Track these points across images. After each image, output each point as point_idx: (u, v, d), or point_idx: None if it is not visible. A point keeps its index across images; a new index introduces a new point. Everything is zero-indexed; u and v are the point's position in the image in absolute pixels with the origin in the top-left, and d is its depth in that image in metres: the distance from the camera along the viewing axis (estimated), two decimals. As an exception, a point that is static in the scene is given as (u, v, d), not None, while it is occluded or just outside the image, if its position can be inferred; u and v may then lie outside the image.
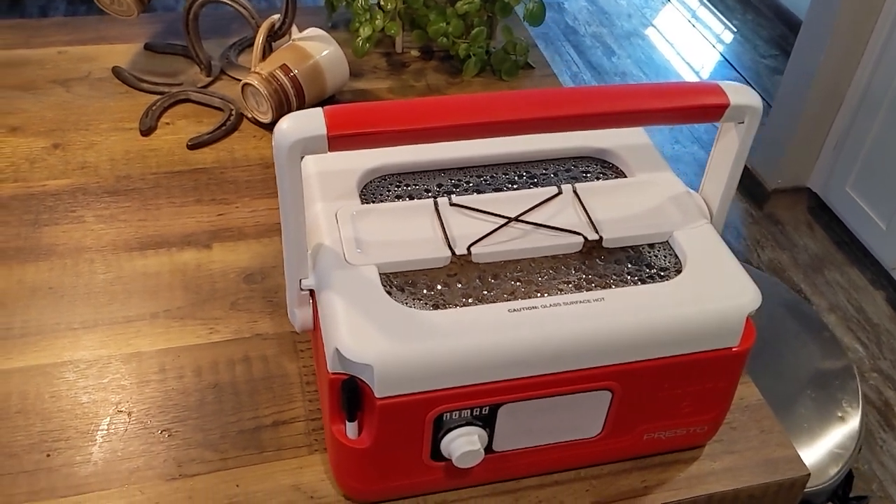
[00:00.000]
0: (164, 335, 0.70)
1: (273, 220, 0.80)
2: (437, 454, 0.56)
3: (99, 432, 0.62)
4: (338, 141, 0.51)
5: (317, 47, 0.92)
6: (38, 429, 0.62)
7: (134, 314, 0.71)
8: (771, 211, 2.20)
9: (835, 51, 1.91)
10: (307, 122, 0.51)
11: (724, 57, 2.86)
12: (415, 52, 1.07)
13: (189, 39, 0.97)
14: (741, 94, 0.56)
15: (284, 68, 0.89)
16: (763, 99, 2.51)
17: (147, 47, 1.04)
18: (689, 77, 2.74)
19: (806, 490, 0.92)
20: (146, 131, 0.90)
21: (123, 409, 0.64)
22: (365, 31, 0.94)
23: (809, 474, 0.64)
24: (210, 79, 0.99)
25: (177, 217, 0.80)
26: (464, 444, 0.54)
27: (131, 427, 0.63)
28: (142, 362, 0.67)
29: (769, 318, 1.13)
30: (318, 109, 0.52)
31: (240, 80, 0.92)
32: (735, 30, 3.02)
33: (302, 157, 0.51)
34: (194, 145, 0.89)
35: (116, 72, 0.99)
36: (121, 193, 0.83)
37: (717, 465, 0.63)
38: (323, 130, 0.50)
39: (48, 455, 0.61)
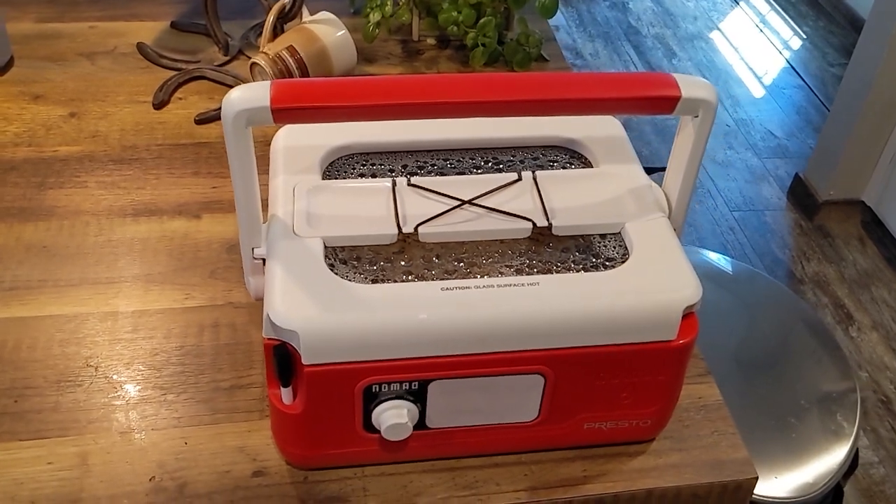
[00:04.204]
0: (142, 297, 0.73)
1: (263, 196, 0.83)
2: (369, 425, 0.57)
3: (65, 383, 0.66)
4: (282, 114, 0.53)
5: (325, 30, 0.94)
6: (9, 375, 0.66)
7: (117, 276, 0.74)
8: (821, 223, 2.14)
9: (895, 58, 1.85)
10: (253, 94, 0.52)
11: (789, 63, 2.78)
12: (431, 41, 1.08)
13: (208, 19, 1.01)
14: (694, 87, 0.56)
15: (291, 49, 0.91)
16: (824, 107, 2.42)
17: (173, 25, 1.08)
18: (752, 83, 2.68)
19: (791, 502, 0.90)
20: (158, 105, 0.94)
21: (92, 363, 0.67)
22: (374, 17, 0.96)
23: (757, 477, 0.63)
24: (227, 58, 1.02)
25: (173, 187, 0.84)
26: (392, 416, 0.55)
27: (96, 381, 0.66)
28: (117, 321, 0.70)
29: (785, 333, 1.11)
30: (267, 82, 0.53)
31: (252, 60, 0.95)
32: (804, 36, 2.94)
33: (254, 128, 0.53)
34: (201, 120, 0.92)
35: (140, 47, 1.03)
36: (125, 162, 0.87)
37: (662, 460, 0.63)
38: (267, 102, 0.52)
39: (15, 401, 0.64)
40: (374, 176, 0.65)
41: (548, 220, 0.60)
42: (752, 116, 2.52)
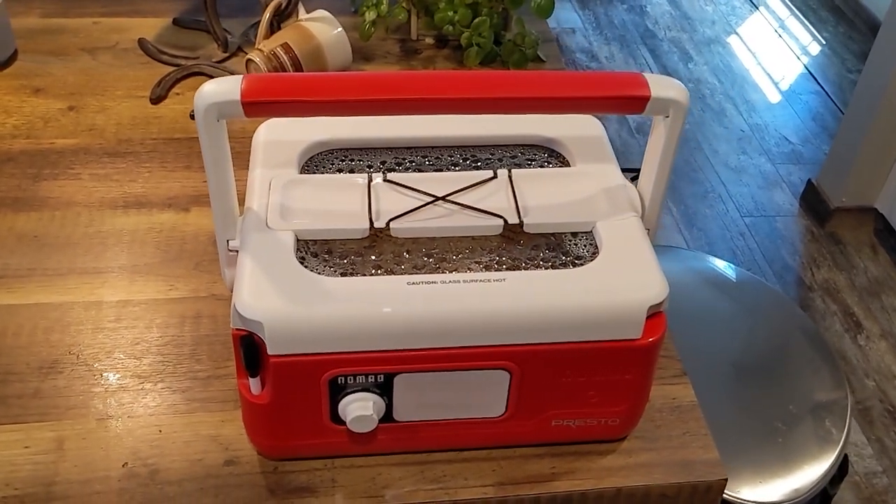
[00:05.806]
0: (127, 288, 0.74)
1: (241, 190, 0.83)
2: (336, 417, 0.58)
3: (47, 370, 0.67)
4: (252, 107, 0.54)
5: (320, 28, 0.94)
6: (-7, 361, 0.67)
7: (104, 266, 0.76)
8: (833, 230, 2.12)
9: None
10: (224, 88, 0.53)
11: (807, 69, 2.76)
12: (429, 40, 1.08)
13: (208, 16, 1.02)
14: (664, 87, 0.56)
15: (286, 47, 0.92)
16: (841, 113, 2.39)
17: (175, 22, 1.09)
18: (768, 88, 2.66)
19: (776, 507, 0.89)
20: (155, 100, 0.95)
21: (74, 351, 0.68)
22: (370, 15, 0.97)
23: (727, 479, 0.63)
24: (226, 54, 1.03)
25: (164, 181, 0.85)
26: (357, 408, 0.56)
27: (77, 368, 0.67)
28: (101, 311, 0.72)
29: (783, 341, 1.10)
30: (239, 76, 0.54)
31: (249, 57, 0.96)
32: (824, 42, 2.91)
33: (221, 121, 0.54)
34: (196, 115, 0.93)
35: (141, 43, 1.04)
36: (119, 155, 0.88)
37: (631, 459, 0.63)
38: (237, 96, 0.53)
39: (-3, 386, 0.66)
40: (351, 171, 0.65)
41: (520, 217, 0.60)
42: (768, 122, 2.50)
